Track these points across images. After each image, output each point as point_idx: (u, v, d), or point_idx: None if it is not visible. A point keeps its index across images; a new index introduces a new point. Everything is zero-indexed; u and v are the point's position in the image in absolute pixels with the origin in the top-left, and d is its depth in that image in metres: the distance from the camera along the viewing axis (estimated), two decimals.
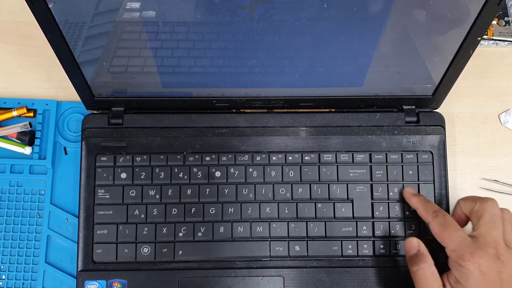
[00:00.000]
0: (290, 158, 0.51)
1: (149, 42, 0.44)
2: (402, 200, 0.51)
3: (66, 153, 0.54)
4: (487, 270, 0.42)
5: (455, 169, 0.54)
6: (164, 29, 0.42)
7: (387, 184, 0.51)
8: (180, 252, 0.49)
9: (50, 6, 0.39)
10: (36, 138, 0.53)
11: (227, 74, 0.48)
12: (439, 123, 0.52)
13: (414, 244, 0.46)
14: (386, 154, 0.52)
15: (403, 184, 0.51)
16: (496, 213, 0.45)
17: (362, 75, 0.49)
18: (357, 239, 0.50)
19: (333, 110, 0.53)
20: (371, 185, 0.51)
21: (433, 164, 0.52)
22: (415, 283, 0.45)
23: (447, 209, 0.51)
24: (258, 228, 0.50)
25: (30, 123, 0.53)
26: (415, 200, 0.49)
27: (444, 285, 0.44)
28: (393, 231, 0.50)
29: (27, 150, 0.53)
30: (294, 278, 0.49)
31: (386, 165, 0.51)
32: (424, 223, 0.49)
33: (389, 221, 0.51)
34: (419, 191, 0.51)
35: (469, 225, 0.47)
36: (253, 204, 0.50)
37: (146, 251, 0.49)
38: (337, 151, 0.52)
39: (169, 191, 0.50)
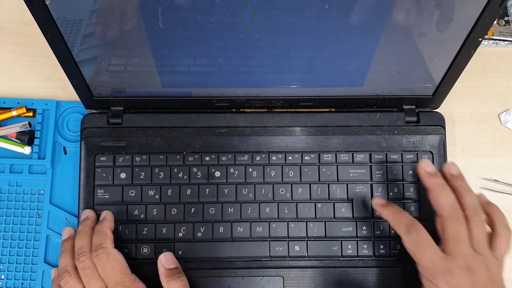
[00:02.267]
0: (290, 158, 0.51)
1: (148, 41, 0.44)
2: (402, 200, 0.51)
3: (65, 153, 0.54)
4: (458, 285, 0.42)
5: None
6: (164, 29, 0.42)
7: (387, 184, 0.51)
8: (180, 252, 0.49)
9: (47, 3, 0.39)
10: (36, 138, 0.53)
11: (227, 73, 0.48)
12: (439, 123, 0.52)
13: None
14: (386, 154, 0.52)
15: (403, 184, 0.51)
16: (461, 225, 0.43)
17: (363, 75, 0.49)
18: (357, 239, 0.50)
19: (333, 110, 0.53)
20: (371, 185, 0.51)
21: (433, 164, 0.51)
22: None
23: None
24: (258, 228, 0.50)
25: (29, 123, 0.53)
26: (386, 212, 0.47)
27: None
28: (393, 231, 0.50)
29: (27, 150, 0.53)
30: (294, 278, 0.49)
31: (386, 165, 0.51)
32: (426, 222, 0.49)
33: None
34: (419, 191, 0.51)
35: None
36: (253, 204, 0.50)
37: (146, 251, 0.49)
38: (337, 151, 0.52)
39: (169, 191, 0.50)
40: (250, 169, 0.51)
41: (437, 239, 0.44)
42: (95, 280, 0.44)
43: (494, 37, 0.57)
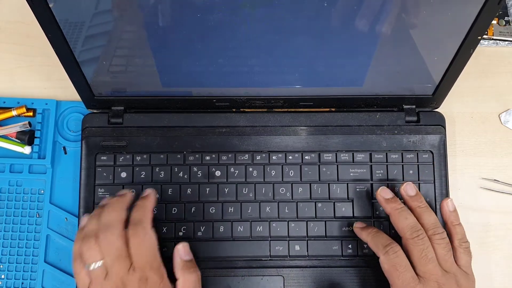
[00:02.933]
0: (290, 157, 0.51)
1: (149, 41, 0.44)
2: (401, 200, 0.51)
3: (65, 153, 0.54)
4: None
5: (455, 169, 0.54)
6: (164, 28, 0.42)
7: (387, 183, 0.51)
8: None
9: (50, 5, 0.39)
10: (36, 137, 0.53)
11: (227, 73, 0.48)
12: (440, 123, 0.52)
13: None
14: (386, 153, 0.52)
15: (403, 183, 0.51)
16: (425, 245, 0.44)
17: (363, 75, 0.49)
18: (357, 238, 0.50)
19: (333, 109, 0.53)
20: (371, 184, 0.51)
21: (433, 164, 0.51)
22: None
23: None
24: (258, 227, 0.50)
25: (29, 123, 0.53)
26: (365, 233, 0.48)
27: None
28: (393, 231, 0.50)
29: (27, 150, 0.53)
30: (294, 277, 0.49)
31: (386, 165, 0.51)
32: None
33: (389, 221, 0.50)
34: (419, 191, 0.51)
35: None
36: (253, 204, 0.50)
37: None
38: (337, 151, 0.52)
39: (169, 191, 0.50)
40: (251, 169, 0.51)
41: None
42: (121, 259, 0.41)
43: (494, 37, 0.57)
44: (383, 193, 0.48)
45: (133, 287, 0.41)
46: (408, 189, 0.48)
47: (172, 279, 0.44)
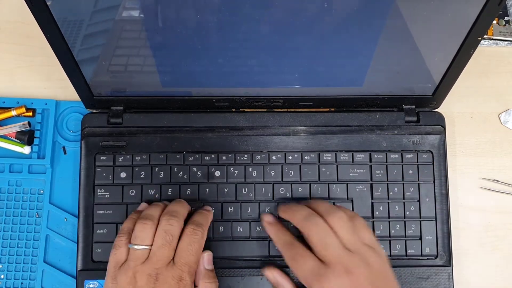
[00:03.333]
0: (290, 157, 0.51)
1: (148, 41, 0.44)
2: (402, 200, 0.51)
3: (65, 153, 0.54)
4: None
5: (455, 169, 0.54)
6: (163, 28, 0.42)
7: (387, 184, 0.51)
8: None
9: (48, 3, 0.39)
10: (35, 137, 0.53)
11: (227, 73, 0.48)
12: (439, 123, 0.52)
13: (270, 277, 0.47)
14: (386, 153, 0.52)
15: (403, 183, 0.51)
16: (321, 229, 0.43)
17: (362, 75, 0.49)
18: None
19: (333, 109, 0.53)
20: (371, 184, 0.51)
21: (433, 164, 0.51)
22: None
23: (446, 210, 0.51)
24: (257, 227, 0.50)
25: (29, 123, 0.53)
26: (269, 229, 0.48)
27: None
28: (393, 231, 0.50)
29: (26, 150, 0.53)
30: (293, 277, 0.49)
31: (386, 165, 0.51)
32: (425, 222, 0.49)
33: (389, 221, 0.50)
34: (419, 191, 0.51)
35: None
36: (252, 204, 0.50)
37: None
38: (337, 151, 0.52)
39: (169, 191, 0.50)
40: (250, 169, 0.51)
41: None
42: (168, 248, 0.42)
43: (494, 37, 0.57)
44: (278, 211, 0.48)
45: (165, 281, 0.41)
46: (280, 213, 0.48)
47: None
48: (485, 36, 0.56)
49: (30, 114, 0.54)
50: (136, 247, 0.42)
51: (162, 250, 0.42)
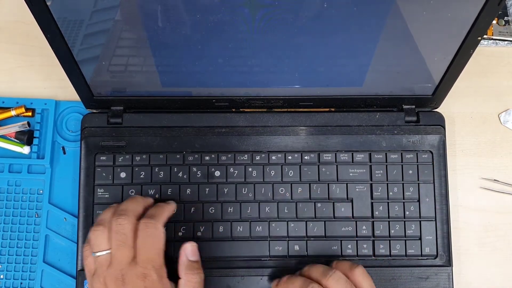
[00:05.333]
0: (289, 157, 0.51)
1: (148, 41, 0.44)
2: (402, 200, 0.51)
3: (64, 153, 0.54)
4: None
5: (455, 169, 0.54)
6: (164, 28, 0.42)
7: (387, 184, 0.51)
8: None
9: (48, 4, 0.39)
10: (35, 137, 0.53)
11: (227, 73, 0.48)
12: (439, 123, 0.52)
13: None
14: (386, 153, 0.51)
15: (403, 183, 0.51)
16: None
17: (362, 75, 0.49)
18: (356, 239, 0.50)
19: (333, 109, 0.53)
20: (371, 184, 0.51)
21: (433, 164, 0.51)
22: None
23: (446, 210, 0.51)
24: (257, 227, 0.50)
25: (28, 123, 0.53)
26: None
27: None
28: (392, 231, 0.50)
29: (26, 150, 0.53)
30: None
31: (386, 165, 0.51)
32: (425, 222, 0.49)
33: (388, 221, 0.50)
34: (419, 191, 0.51)
35: None
36: (252, 204, 0.50)
37: None
38: (337, 151, 0.52)
39: (169, 191, 0.50)
40: (250, 169, 0.51)
41: None
42: (125, 248, 0.42)
43: (494, 37, 0.57)
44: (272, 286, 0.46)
45: (131, 281, 0.41)
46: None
47: (174, 279, 0.44)
48: (485, 36, 0.56)
49: (30, 114, 0.54)
50: (97, 254, 0.42)
51: (119, 251, 0.42)
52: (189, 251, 0.45)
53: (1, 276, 0.51)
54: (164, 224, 0.45)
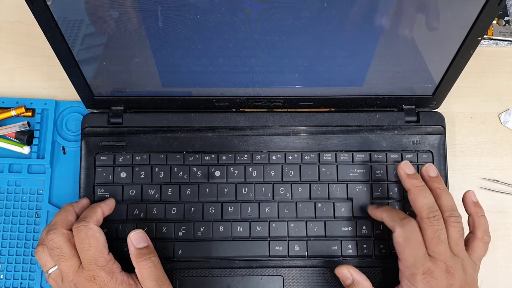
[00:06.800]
0: (290, 157, 0.51)
1: (148, 41, 0.44)
2: (402, 199, 0.51)
3: (64, 153, 0.54)
4: (437, 286, 0.42)
5: (455, 169, 0.54)
6: (164, 28, 0.42)
7: (387, 183, 0.51)
8: (180, 252, 0.49)
9: (48, 4, 0.39)
10: (35, 137, 0.53)
11: (227, 73, 0.48)
12: (439, 123, 0.52)
13: (346, 275, 0.46)
14: (386, 153, 0.52)
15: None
16: (439, 225, 0.44)
17: (362, 75, 0.49)
18: (356, 238, 0.50)
19: (333, 109, 0.53)
20: (371, 184, 0.51)
21: (433, 164, 0.51)
22: None
23: None
24: (257, 227, 0.50)
25: (28, 123, 0.53)
26: (380, 210, 0.48)
27: None
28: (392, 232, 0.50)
29: (26, 150, 0.53)
30: (293, 277, 0.49)
31: (386, 165, 0.51)
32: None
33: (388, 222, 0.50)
34: None
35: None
36: (252, 204, 0.50)
37: None
38: (337, 151, 0.52)
39: (169, 191, 0.50)
40: (250, 169, 0.51)
41: None
42: (64, 259, 0.43)
43: (494, 37, 0.57)
44: (405, 168, 0.47)
45: (83, 287, 0.42)
46: (430, 169, 0.47)
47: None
48: (485, 36, 0.57)
49: (30, 114, 0.54)
50: (48, 272, 0.44)
51: (61, 264, 0.43)
52: (133, 240, 0.45)
53: (1, 276, 0.51)
54: (97, 222, 0.45)
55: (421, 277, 0.42)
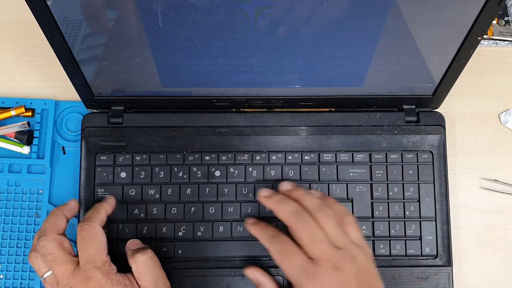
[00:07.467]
0: (290, 157, 0.51)
1: (148, 41, 0.44)
2: (402, 200, 0.51)
3: (64, 153, 0.54)
4: (329, 286, 0.40)
5: (455, 169, 0.54)
6: (164, 28, 0.42)
7: (387, 184, 0.51)
8: (180, 251, 0.49)
9: (48, 3, 0.39)
10: (35, 137, 0.53)
11: (227, 73, 0.48)
12: (439, 123, 0.52)
13: (251, 277, 0.47)
14: (386, 153, 0.52)
15: (403, 183, 0.51)
16: (310, 225, 0.42)
17: (362, 75, 0.49)
18: None
19: (333, 109, 0.53)
20: (371, 184, 0.51)
21: (433, 164, 0.51)
22: None
23: (446, 210, 0.51)
24: None
25: (28, 123, 0.53)
26: (254, 229, 0.47)
27: None
28: (392, 231, 0.50)
29: (25, 150, 0.53)
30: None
31: (386, 165, 0.51)
32: (425, 222, 0.49)
33: (388, 221, 0.50)
34: (419, 191, 0.51)
35: None
36: (253, 204, 0.50)
37: None
38: (337, 151, 0.52)
39: (169, 190, 0.50)
40: (250, 169, 0.51)
41: None
42: (58, 264, 0.43)
43: (494, 37, 0.57)
44: (261, 193, 0.47)
45: None
46: (284, 185, 0.47)
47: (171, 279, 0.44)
48: (485, 36, 0.57)
49: (29, 114, 0.54)
50: (43, 277, 0.44)
51: (55, 269, 0.43)
52: (130, 245, 0.46)
53: (1, 276, 0.51)
54: (101, 223, 0.46)
55: (306, 284, 0.40)
